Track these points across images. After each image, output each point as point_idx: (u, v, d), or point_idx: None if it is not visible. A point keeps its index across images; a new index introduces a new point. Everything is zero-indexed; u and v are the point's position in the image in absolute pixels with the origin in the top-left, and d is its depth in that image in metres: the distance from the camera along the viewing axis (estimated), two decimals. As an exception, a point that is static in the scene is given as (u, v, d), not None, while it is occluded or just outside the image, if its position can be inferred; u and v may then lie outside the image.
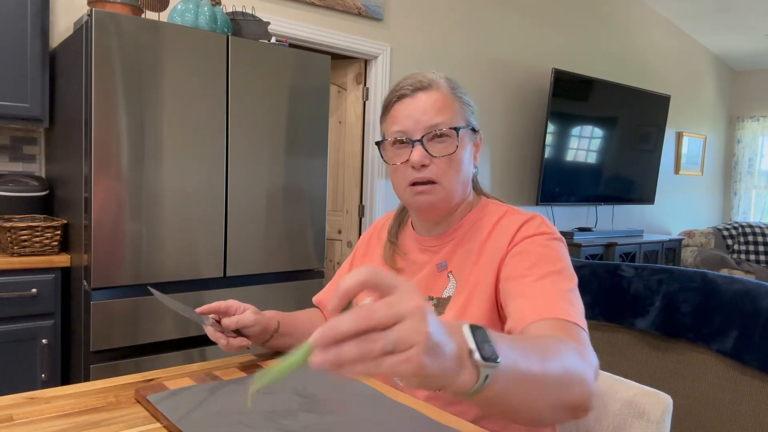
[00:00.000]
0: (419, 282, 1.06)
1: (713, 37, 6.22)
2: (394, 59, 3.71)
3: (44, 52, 2.26)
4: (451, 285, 1.03)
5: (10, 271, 2.02)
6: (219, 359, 1.15)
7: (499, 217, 1.04)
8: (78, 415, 0.87)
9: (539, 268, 0.91)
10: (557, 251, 0.95)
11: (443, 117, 1.00)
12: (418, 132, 1.00)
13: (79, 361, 2.09)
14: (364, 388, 0.99)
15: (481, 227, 1.04)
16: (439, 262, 1.06)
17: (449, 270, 1.04)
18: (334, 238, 3.84)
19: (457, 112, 1.02)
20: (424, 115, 1.00)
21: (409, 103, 1.01)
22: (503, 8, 4.37)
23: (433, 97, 1.01)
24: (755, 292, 1.92)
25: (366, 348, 0.49)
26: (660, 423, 1.00)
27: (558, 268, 0.92)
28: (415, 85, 1.02)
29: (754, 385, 1.90)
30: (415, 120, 1.00)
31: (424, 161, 0.99)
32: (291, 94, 2.37)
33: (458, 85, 1.06)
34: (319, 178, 2.48)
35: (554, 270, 0.91)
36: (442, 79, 1.04)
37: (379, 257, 1.17)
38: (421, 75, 1.04)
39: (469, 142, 1.05)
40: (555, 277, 0.90)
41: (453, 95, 1.03)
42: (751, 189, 7.09)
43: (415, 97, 1.01)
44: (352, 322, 0.50)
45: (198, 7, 2.23)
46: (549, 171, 4.51)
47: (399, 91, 1.03)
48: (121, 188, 1.99)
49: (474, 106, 1.08)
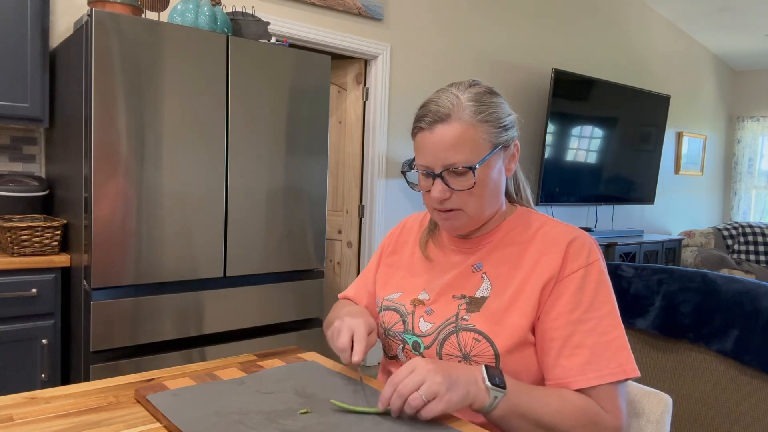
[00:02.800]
0: (453, 280, 1.06)
1: (713, 37, 6.22)
2: (394, 59, 3.71)
3: (44, 52, 2.26)
4: (485, 286, 1.03)
5: (10, 271, 2.02)
6: (219, 359, 1.15)
7: (540, 225, 1.05)
8: (78, 415, 0.87)
9: (594, 311, 0.96)
10: (607, 287, 0.99)
11: (461, 155, 0.97)
12: (437, 167, 0.99)
13: (79, 361, 2.09)
14: (364, 388, 0.99)
15: (520, 233, 1.06)
16: (475, 263, 1.06)
17: (484, 271, 1.05)
18: (334, 238, 3.84)
19: (479, 142, 0.98)
20: (441, 152, 0.98)
21: (428, 137, 0.99)
22: (503, 8, 4.37)
23: (451, 132, 0.97)
24: (755, 292, 1.92)
25: (413, 405, 0.84)
26: (660, 423, 1.00)
27: (609, 309, 0.97)
28: (434, 117, 0.99)
29: (754, 385, 1.90)
30: (434, 156, 0.99)
31: (445, 195, 1.00)
32: (291, 94, 2.37)
33: (486, 102, 1.01)
34: (319, 178, 2.48)
35: (606, 312, 0.97)
36: (466, 101, 0.99)
37: (412, 245, 1.18)
38: (441, 103, 0.99)
39: (498, 160, 1.02)
40: (608, 322, 0.96)
41: (475, 123, 0.98)
42: (751, 189, 7.09)
43: (434, 131, 0.98)
44: (397, 397, 0.85)
45: (198, 7, 2.23)
46: (549, 171, 4.51)
47: (419, 122, 1.01)
48: (121, 188, 1.99)
49: (508, 118, 1.04)
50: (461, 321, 1.01)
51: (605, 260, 1.09)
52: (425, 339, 1.04)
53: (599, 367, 0.93)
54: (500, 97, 1.05)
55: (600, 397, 0.93)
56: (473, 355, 0.98)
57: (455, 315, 1.02)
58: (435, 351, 1.02)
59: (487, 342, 0.97)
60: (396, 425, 0.84)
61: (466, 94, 1.00)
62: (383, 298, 1.15)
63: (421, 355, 1.04)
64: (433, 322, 1.04)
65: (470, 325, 1.00)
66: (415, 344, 1.05)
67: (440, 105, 0.99)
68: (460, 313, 1.02)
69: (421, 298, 1.09)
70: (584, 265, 0.98)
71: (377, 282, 1.21)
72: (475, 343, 0.98)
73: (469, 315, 1.01)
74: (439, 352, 1.02)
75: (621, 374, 0.93)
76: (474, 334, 0.98)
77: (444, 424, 0.85)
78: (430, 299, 1.07)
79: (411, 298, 1.10)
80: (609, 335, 0.95)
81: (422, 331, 1.05)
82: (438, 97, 1.01)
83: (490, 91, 1.03)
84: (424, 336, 1.04)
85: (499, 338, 0.97)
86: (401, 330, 1.08)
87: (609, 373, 0.93)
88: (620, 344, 0.95)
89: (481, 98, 1.01)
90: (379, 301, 1.16)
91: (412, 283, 1.13)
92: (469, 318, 1.00)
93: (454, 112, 0.98)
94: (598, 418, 0.91)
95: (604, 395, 0.93)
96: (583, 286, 0.97)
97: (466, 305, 1.02)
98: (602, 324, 0.95)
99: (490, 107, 1.01)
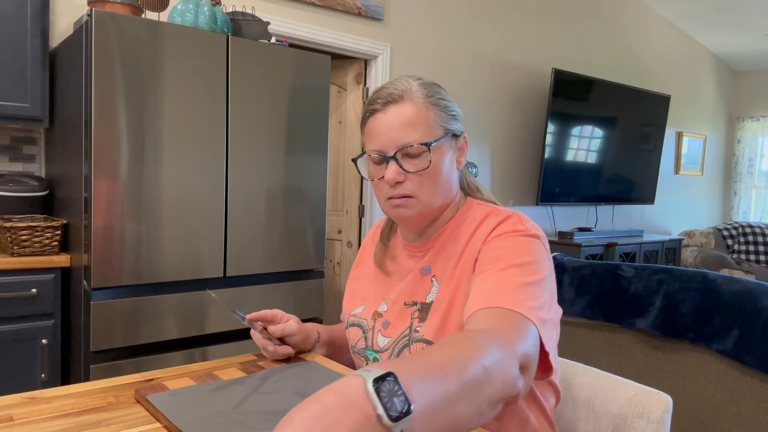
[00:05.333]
0: (405, 287, 1.06)
1: (713, 37, 6.22)
2: (394, 59, 3.71)
3: (44, 52, 2.26)
4: (434, 289, 1.02)
5: (10, 271, 2.02)
6: (219, 359, 1.15)
7: (481, 219, 1.02)
8: (78, 415, 0.87)
9: (501, 262, 0.90)
10: (526, 246, 0.92)
11: (415, 133, 0.97)
12: (390, 149, 0.98)
13: (79, 361, 2.09)
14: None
15: (463, 230, 1.03)
16: (423, 267, 1.05)
17: (432, 274, 1.04)
18: (334, 238, 3.84)
19: (432, 123, 0.99)
20: (396, 131, 0.97)
21: (381, 119, 0.99)
22: (503, 8, 4.37)
23: (405, 111, 0.98)
24: (755, 292, 1.92)
25: None
26: (660, 423, 1.00)
27: (521, 261, 0.89)
28: (386, 98, 0.99)
29: (754, 385, 1.90)
30: (388, 137, 0.98)
31: (399, 178, 0.98)
32: (291, 94, 2.37)
33: (436, 90, 1.02)
34: (319, 178, 2.48)
35: (516, 263, 0.89)
36: (417, 87, 1.00)
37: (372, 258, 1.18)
38: (393, 86, 1.00)
39: (449, 149, 1.02)
40: (515, 270, 0.88)
41: (427, 104, 0.99)
42: (751, 189, 7.09)
43: (387, 111, 0.98)
44: None
45: (198, 7, 2.23)
46: (549, 171, 4.51)
47: (371, 105, 1.01)
48: (121, 188, 1.99)
49: (456, 109, 1.05)
50: (414, 333, 1.00)
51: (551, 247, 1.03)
52: (383, 354, 1.04)
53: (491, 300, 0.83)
54: (447, 92, 1.06)
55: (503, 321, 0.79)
56: None
57: (409, 327, 1.01)
58: None
59: None
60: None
61: (415, 81, 1.02)
62: (349, 314, 1.15)
63: None
64: (390, 336, 1.04)
65: (421, 335, 0.98)
66: (375, 360, 1.05)
67: (393, 89, 1.00)
68: (413, 324, 1.01)
69: (380, 311, 1.08)
70: (507, 231, 0.95)
71: (345, 297, 1.21)
72: None
73: (420, 325, 1.00)
74: None
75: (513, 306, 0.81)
76: (424, 345, 0.97)
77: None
78: (387, 310, 1.07)
79: (372, 311, 1.10)
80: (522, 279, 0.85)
81: (380, 347, 1.05)
82: (390, 83, 1.02)
83: (437, 85, 1.05)
84: (381, 351, 1.04)
85: None
86: (363, 347, 1.08)
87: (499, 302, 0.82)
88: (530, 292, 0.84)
89: (430, 87, 1.02)
90: (345, 317, 1.17)
91: (374, 294, 1.12)
92: (421, 328, 0.99)
93: (407, 94, 0.99)
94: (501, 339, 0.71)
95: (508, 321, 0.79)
96: (500, 244, 0.93)
97: (419, 312, 1.01)
98: (517, 268, 0.87)
99: (438, 94, 1.02)
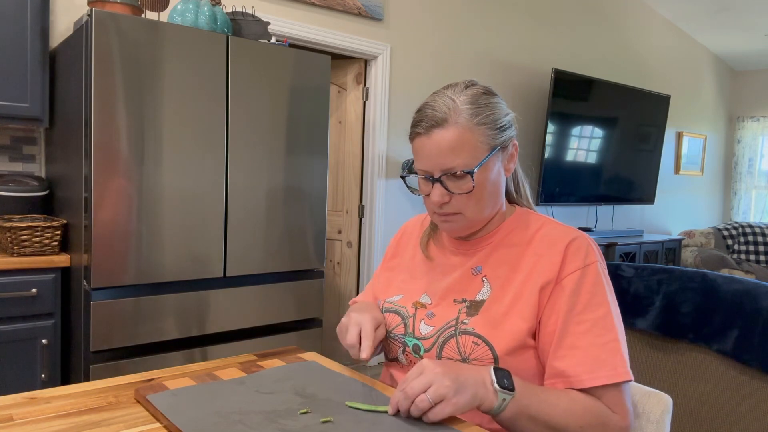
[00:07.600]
0: (454, 283, 1.07)
1: (713, 37, 6.22)
2: (394, 59, 3.71)
3: (44, 52, 2.26)
4: (485, 289, 1.03)
5: (10, 271, 2.02)
6: (219, 359, 1.15)
7: (539, 226, 1.05)
8: (78, 415, 0.87)
9: (587, 315, 0.96)
10: (602, 289, 0.98)
11: (459, 159, 0.97)
12: (436, 172, 1.00)
13: (79, 361, 2.09)
14: (363, 387, 0.99)
15: (518, 235, 1.06)
16: (474, 266, 1.07)
17: (484, 274, 1.05)
18: (334, 238, 3.84)
19: (477, 145, 0.98)
20: (440, 157, 0.98)
21: (425, 142, 0.99)
22: (503, 8, 4.37)
23: (448, 136, 0.97)
24: (755, 292, 1.92)
25: (420, 407, 0.83)
26: (660, 423, 1.00)
27: (604, 312, 0.96)
28: (430, 121, 0.98)
29: (754, 385, 1.90)
30: (433, 161, 0.99)
31: (444, 199, 1.01)
32: (291, 94, 2.37)
33: (483, 104, 0.99)
34: (319, 178, 2.48)
35: (601, 315, 0.96)
36: (462, 105, 0.98)
37: (412, 249, 1.19)
38: (437, 107, 0.98)
39: (496, 162, 1.02)
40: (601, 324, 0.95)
41: (472, 126, 0.97)
42: (751, 189, 7.09)
43: (431, 136, 0.98)
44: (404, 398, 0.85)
45: (198, 7, 2.23)
46: (549, 171, 4.51)
47: (416, 127, 1.01)
48: (121, 188, 1.99)
49: (506, 118, 1.03)
50: (461, 325, 1.01)
51: (605, 261, 1.09)
52: (425, 342, 1.04)
53: (593, 368, 0.93)
54: (497, 97, 1.03)
55: (606, 397, 0.93)
56: (472, 359, 0.98)
57: (455, 318, 1.02)
58: (435, 354, 1.02)
59: (486, 346, 0.97)
60: (395, 425, 0.84)
61: (462, 96, 0.99)
62: (384, 301, 1.16)
63: (420, 357, 1.05)
64: (434, 326, 1.04)
65: (469, 328, 1.00)
66: (416, 347, 1.06)
67: (436, 109, 0.98)
68: (460, 317, 1.02)
69: (422, 302, 1.09)
70: (581, 266, 0.98)
71: (379, 286, 1.22)
72: (474, 346, 0.98)
73: (468, 319, 1.01)
74: (439, 355, 1.02)
75: (614, 377, 0.92)
76: (473, 338, 0.99)
77: (446, 425, 0.85)
78: (432, 303, 1.08)
79: (412, 301, 1.10)
80: (604, 338, 0.95)
81: (422, 334, 1.05)
82: (434, 101, 1.00)
83: (486, 92, 1.02)
84: (424, 339, 1.05)
85: (498, 341, 0.97)
86: (402, 332, 1.08)
87: (604, 375, 0.93)
88: (614, 348, 0.94)
89: (477, 100, 1.00)
90: (381, 303, 1.17)
91: (413, 286, 1.13)
92: (469, 322, 1.01)
93: (451, 116, 0.97)
94: (606, 418, 0.91)
95: (610, 396, 0.93)
96: (579, 287, 0.97)
97: (467, 309, 1.03)
98: (597, 326, 0.95)
99: (486, 109, 0.99)
